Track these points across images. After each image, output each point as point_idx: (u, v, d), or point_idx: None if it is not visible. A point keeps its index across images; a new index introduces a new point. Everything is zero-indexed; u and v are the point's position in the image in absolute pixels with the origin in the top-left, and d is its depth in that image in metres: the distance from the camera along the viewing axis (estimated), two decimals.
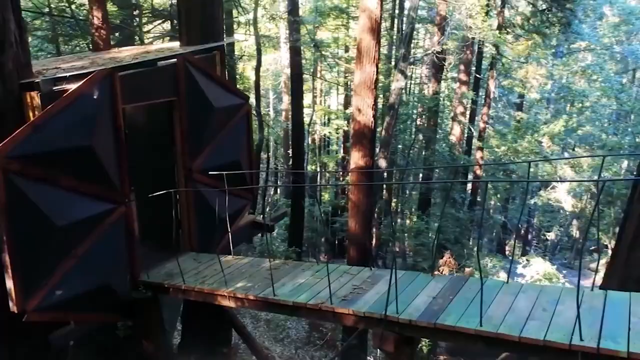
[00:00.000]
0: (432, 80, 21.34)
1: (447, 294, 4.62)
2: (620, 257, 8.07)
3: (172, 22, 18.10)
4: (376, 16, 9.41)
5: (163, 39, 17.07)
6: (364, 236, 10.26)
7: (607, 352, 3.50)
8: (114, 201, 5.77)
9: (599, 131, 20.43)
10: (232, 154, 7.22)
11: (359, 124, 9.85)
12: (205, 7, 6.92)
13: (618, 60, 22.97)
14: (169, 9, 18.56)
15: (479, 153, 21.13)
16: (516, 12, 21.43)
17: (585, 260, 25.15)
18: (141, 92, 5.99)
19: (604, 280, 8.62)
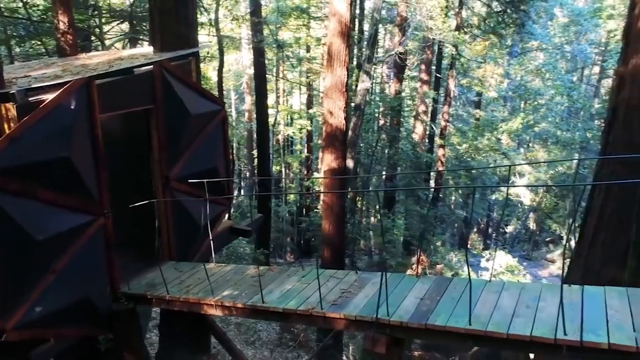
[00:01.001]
0: (394, 80, 21.72)
1: (433, 294, 4.78)
2: (582, 250, 8.50)
3: (131, 23, 17.69)
4: (346, 20, 9.53)
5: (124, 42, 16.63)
6: (338, 237, 10.38)
7: (590, 344, 3.73)
8: (92, 213, 5.64)
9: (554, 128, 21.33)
10: (210, 161, 7.18)
11: (331, 126, 9.95)
12: (178, 12, 6.83)
13: (568, 59, 24.04)
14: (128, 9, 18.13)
15: (441, 151, 21.67)
16: (473, 13, 22.11)
17: (542, 251, 26.27)
18: (118, 100, 5.88)
19: (568, 274, 9.06)
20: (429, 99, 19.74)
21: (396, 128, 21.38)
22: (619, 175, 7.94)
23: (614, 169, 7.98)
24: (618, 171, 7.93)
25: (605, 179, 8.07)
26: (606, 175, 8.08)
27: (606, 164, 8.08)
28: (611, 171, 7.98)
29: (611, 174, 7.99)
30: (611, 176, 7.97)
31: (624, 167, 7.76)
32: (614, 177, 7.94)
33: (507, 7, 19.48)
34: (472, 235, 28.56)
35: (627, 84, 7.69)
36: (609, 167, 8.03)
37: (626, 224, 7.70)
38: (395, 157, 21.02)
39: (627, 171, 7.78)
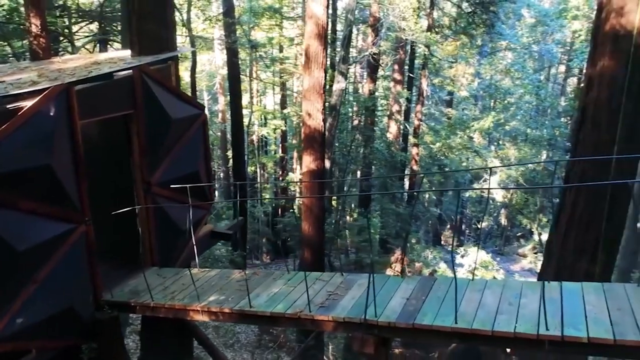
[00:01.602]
0: (368, 79, 21.91)
1: (419, 294, 4.89)
2: (555, 245, 8.79)
3: (100, 23, 17.36)
4: (323, 22, 9.60)
5: (94, 43, 16.31)
6: (318, 238, 10.45)
7: (571, 339, 3.89)
8: (73, 221, 5.55)
9: (523, 126, 21.89)
10: (191, 165, 7.14)
11: (310, 128, 10.01)
12: (157, 16, 6.76)
13: (536, 58, 24.70)
14: (97, 9, 17.78)
15: (415, 149, 21.98)
16: (443, 13, 22.49)
17: (513, 246, 26.91)
18: (98, 106, 5.79)
19: (542, 268, 9.37)
20: (402, 98, 19.99)
21: (370, 128, 21.57)
22: (589, 173, 8.26)
23: (584, 167, 8.30)
24: (587, 169, 8.25)
25: (576, 177, 8.37)
26: (577, 174, 8.39)
27: (576, 163, 8.39)
28: (582, 169, 8.29)
29: (582, 172, 8.30)
30: (582, 174, 8.28)
31: (593, 165, 8.08)
32: (584, 175, 8.26)
33: (477, 8, 19.89)
34: (445, 232, 29.05)
35: (595, 85, 8.01)
36: (580, 165, 8.34)
37: (596, 220, 8.02)
38: (370, 156, 21.21)
39: (595, 169, 8.10)
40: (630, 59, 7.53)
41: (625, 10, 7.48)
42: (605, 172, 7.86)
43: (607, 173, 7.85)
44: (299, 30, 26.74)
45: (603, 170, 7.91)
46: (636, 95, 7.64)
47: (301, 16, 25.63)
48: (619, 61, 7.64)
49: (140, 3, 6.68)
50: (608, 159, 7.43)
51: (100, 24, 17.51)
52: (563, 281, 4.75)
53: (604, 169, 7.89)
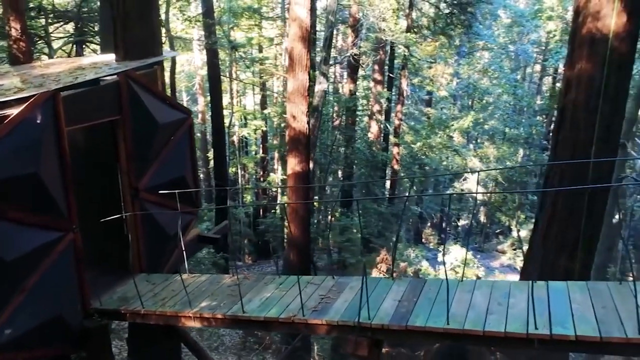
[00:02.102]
0: (348, 80, 22.04)
1: (410, 296, 4.98)
2: (536, 244, 9.01)
3: (77, 24, 17.07)
4: (307, 25, 9.64)
5: (72, 45, 16.03)
6: (304, 239, 10.50)
7: (559, 337, 4.02)
8: (61, 229, 5.48)
9: (501, 125, 22.30)
10: (178, 170, 7.11)
11: (294, 130, 10.04)
12: (142, 20, 6.70)
13: (512, 58, 25.17)
14: (73, 10, 17.47)
15: (396, 149, 22.20)
16: (422, 14, 22.74)
17: (493, 242, 27.38)
18: (84, 112, 5.73)
19: (524, 265, 9.59)
20: (383, 99, 20.17)
21: (351, 128, 21.71)
22: (568, 173, 8.49)
23: (563, 167, 8.52)
24: (566, 169, 8.48)
25: (556, 176, 8.59)
26: (557, 173, 8.61)
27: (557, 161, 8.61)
28: (561, 169, 8.51)
29: (561, 172, 8.53)
30: (561, 174, 8.51)
31: (571, 165, 8.30)
32: (563, 175, 8.49)
33: (455, 9, 20.19)
34: (426, 230, 29.39)
35: (573, 87, 8.24)
36: (559, 165, 8.56)
37: (576, 218, 8.25)
38: (351, 156, 21.34)
39: (574, 169, 8.34)
40: (606, 62, 7.76)
41: (602, 15, 7.71)
42: (584, 172, 8.10)
43: (585, 172, 8.09)
44: (279, 31, 26.77)
45: (581, 170, 8.14)
46: (612, 97, 7.89)
47: (280, 16, 25.64)
48: (595, 64, 7.87)
49: (125, 7, 6.61)
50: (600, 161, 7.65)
51: (76, 25, 17.23)
52: (546, 279, 4.90)
53: (582, 169, 8.13)
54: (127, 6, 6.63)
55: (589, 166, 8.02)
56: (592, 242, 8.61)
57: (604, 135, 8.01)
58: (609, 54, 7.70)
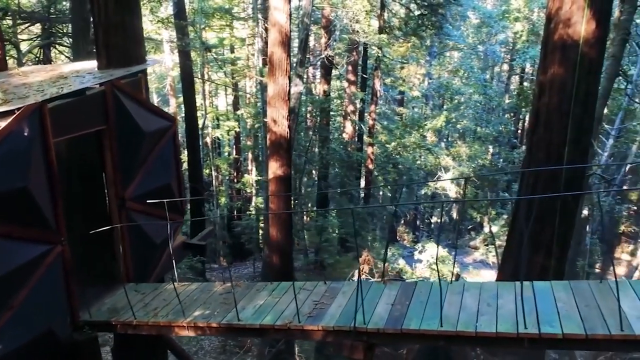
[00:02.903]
0: (322, 80, 22.16)
1: (402, 299, 5.13)
2: (513, 242, 9.33)
3: (44, 25, 16.65)
4: (286, 30, 9.69)
5: (40, 48, 15.62)
6: (286, 243, 10.56)
7: (547, 335, 4.22)
8: (49, 241, 5.42)
9: (473, 124, 22.83)
10: (163, 177, 7.08)
11: (275, 134, 10.08)
12: (125, 27, 6.64)
13: (481, 58, 25.77)
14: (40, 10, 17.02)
15: (370, 149, 22.45)
16: (393, 15, 23.05)
17: (465, 239, 27.97)
18: (71, 123, 5.66)
19: (501, 262, 9.91)
20: (358, 99, 20.38)
21: (326, 128, 21.85)
22: (543, 174, 8.82)
23: (539, 165, 8.84)
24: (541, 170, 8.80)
25: (531, 177, 8.90)
26: (532, 173, 8.92)
27: (532, 163, 8.93)
28: (537, 168, 8.83)
29: (536, 173, 8.85)
30: (536, 175, 8.82)
31: (548, 164, 8.64)
32: (539, 175, 8.80)
33: (426, 11, 20.56)
34: (399, 228, 29.79)
35: (546, 91, 8.56)
36: (535, 165, 8.88)
37: (551, 217, 8.59)
38: (327, 156, 21.47)
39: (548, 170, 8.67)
40: (577, 67, 8.10)
41: (572, 22, 8.03)
42: (558, 172, 8.44)
43: (559, 172, 8.43)
44: (250, 31, 26.71)
45: (555, 171, 8.48)
46: (583, 100, 8.24)
47: (252, 17, 25.57)
48: (567, 69, 8.21)
49: (107, 14, 6.54)
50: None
51: (44, 27, 16.81)
52: (523, 276, 5.11)
53: (557, 170, 8.46)
54: (109, 14, 6.56)
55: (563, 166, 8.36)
56: (566, 239, 8.98)
57: (576, 136, 8.36)
58: (580, 59, 8.04)
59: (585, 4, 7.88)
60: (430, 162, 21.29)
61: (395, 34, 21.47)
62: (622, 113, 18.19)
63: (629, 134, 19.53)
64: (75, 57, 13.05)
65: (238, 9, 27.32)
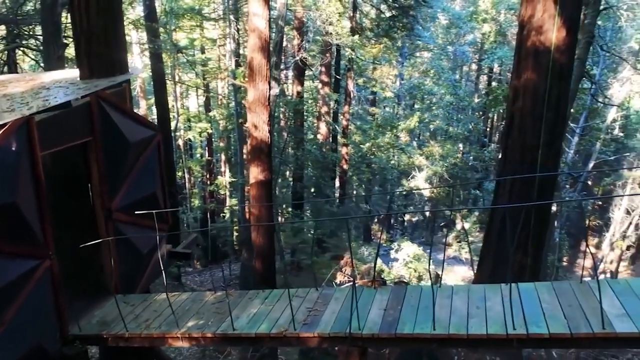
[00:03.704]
0: (296, 82, 22.24)
1: (394, 304, 5.28)
2: (491, 240, 9.63)
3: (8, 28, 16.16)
4: (266, 36, 9.73)
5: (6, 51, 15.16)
6: (269, 248, 10.60)
7: (535, 335, 4.44)
8: (38, 256, 5.35)
9: (445, 124, 23.31)
10: (149, 187, 7.05)
11: (256, 139, 10.11)
12: (107, 36, 6.57)
13: (451, 58, 26.32)
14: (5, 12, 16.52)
15: (345, 149, 22.66)
16: (365, 16, 23.30)
17: (438, 236, 28.52)
18: (58, 136, 5.59)
19: (480, 261, 10.21)
20: (332, 101, 20.55)
21: (300, 129, 21.94)
22: (518, 173, 9.13)
23: (514, 168, 9.16)
24: (518, 170, 9.13)
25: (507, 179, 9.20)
26: (508, 175, 9.22)
27: (508, 164, 9.24)
28: (512, 171, 9.14)
29: (512, 173, 9.15)
30: (513, 175, 9.13)
31: (522, 168, 8.96)
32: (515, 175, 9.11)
33: (398, 12, 20.87)
34: (373, 226, 30.16)
35: (520, 96, 8.87)
36: (510, 166, 9.20)
37: (527, 216, 8.90)
38: (302, 157, 21.56)
39: (524, 170, 8.98)
40: (549, 73, 8.43)
41: (544, 29, 8.35)
42: (533, 173, 8.76)
43: (534, 173, 8.75)
44: (221, 32, 26.56)
45: (531, 171, 8.80)
46: (555, 105, 8.58)
47: (223, 17, 25.43)
48: (540, 74, 8.52)
49: (90, 24, 6.46)
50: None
51: (8, 29, 16.33)
52: (501, 274, 5.35)
53: (532, 171, 8.79)
54: (90, 22, 6.48)
55: (537, 168, 8.70)
56: (542, 237, 9.33)
57: (549, 139, 8.69)
58: (551, 66, 8.36)
59: (556, 12, 8.20)
60: (403, 162, 21.63)
61: (368, 35, 21.72)
62: (586, 112, 18.93)
63: (593, 131, 20.32)
64: (46, 61, 12.76)
65: (208, 9, 27.13)
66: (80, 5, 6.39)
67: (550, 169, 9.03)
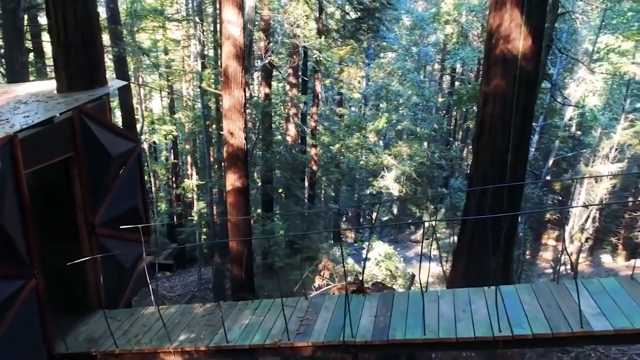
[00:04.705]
0: (263, 83, 22.21)
1: (384, 310, 5.46)
2: (464, 242, 9.97)
3: None
4: (240, 43, 9.74)
5: None
6: (247, 254, 10.62)
7: (520, 337, 4.70)
8: (24, 276, 5.26)
9: (412, 125, 23.79)
10: (130, 200, 6.99)
11: (232, 146, 10.11)
12: (86, 50, 6.47)
13: (415, 59, 26.86)
14: None
15: (314, 150, 22.79)
16: (331, 17, 23.48)
17: (406, 233, 29.08)
18: (41, 153, 5.49)
19: (453, 262, 10.55)
20: (302, 103, 20.65)
21: (269, 131, 21.93)
22: (489, 175, 9.50)
23: (485, 170, 9.52)
24: (489, 172, 9.49)
25: (479, 181, 9.56)
26: (480, 177, 9.58)
27: (479, 167, 9.59)
28: (483, 173, 9.50)
29: (484, 175, 9.52)
30: (484, 178, 9.49)
31: (493, 171, 9.32)
32: (486, 178, 9.48)
33: (364, 14, 21.15)
34: (341, 225, 30.46)
35: (490, 101, 9.23)
36: (482, 168, 9.55)
37: (498, 219, 9.26)
38: (271, 159, 21.57)
39: (495, 172, 9.36)
40: (517, 79, 8.80)
41: (511, 38, 8.71)
42: (503, 175, 9.14)
43: (504, 175, 9.13)
44: (185, 32, 26.23)
45: (501, 174, 9.18)
46: (522, 110, 8.97)
47: (187, 18, 25.15)
48: (508, 81, 8.88)
49: (67, 35, 6.35)
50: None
51: None
52: (474, 274, 5.62)
53: (502, 172, 9.17)
54: (68, 34, 6.37)
55: (507, 170, 9.08)
56: (512, 236, 9.74)
57: (517, 143, 9.08)
58: (519, 73, 8.73)
59: (522, 22, 8.57)
60: (372, 162, 21.96)
61: (334, 36, 21.92)
62: (545, 111, 19.71)
63: (552, 129, 21.18)
64: (8, 67, 12.34)
65: (171, 10, 26.76)
66: (57, 17, 6.27)
67: (519, 169, 9.43)
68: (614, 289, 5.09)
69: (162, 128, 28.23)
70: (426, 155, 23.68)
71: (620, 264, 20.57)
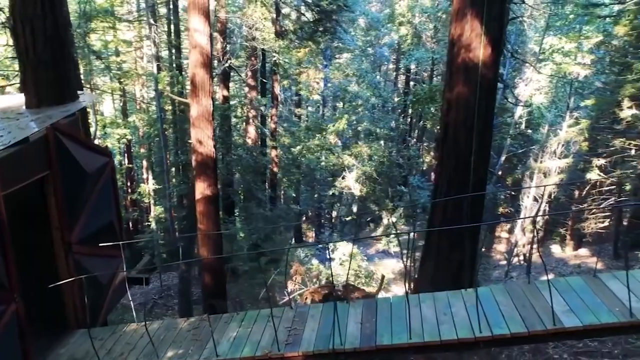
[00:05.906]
0: (221, 86, 22.05)
1: (369, 317, 5.66)
2: (432, 242, 10.36)
3: None
4: (207, 52, 9.72)
5: None
6: (218, 263, 10.62)
7: (499, 336, 5.02)
8: (3, 301, 5.12)
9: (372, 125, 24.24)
10: (106, 216, 6.89)
11: (201, 155, 10.07)
12: (56, 64, 6.31)
13: (371, 60, 27.35)
14: None
15: (274, 152, 22.85)
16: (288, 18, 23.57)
17: (366, 231, 29.56)
18: (18, 174, 5.33)
19: (422, 260, 10.94)
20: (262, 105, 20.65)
21: (228, 134, 21.81)
22: (454, 178, 9.91)
23: (450, 173, 9.93)
24: (453, 174, 9.91)
25: (444, 183, 9.96)
26: (445, 180, 9.98)
27: (444, 169, 9.99)
28: (448, 178, 9.91)
29: (449, 178, 9.93)
30: (449, 181, 9.90)
31: (457, 174, 9.74)
32: (451, 181, 9.89)
33: (322, 16, 21.37)
34: (304, 225, 30.65)
35: (453, 107, 9.63)
36: (447, 171, 9.95)
37: (464, 217, 9.69)
38: (232, 162, 21.46)
39: (459, 176, 9.78)
40: (478, 86, 9.22)
41: (472, 47, 9.13)
42: (466, 178, 9.57)
43: (468, 178, 9.56)
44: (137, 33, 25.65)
45: (464, 177, 9.60)
46: (484, 115, 9.41)
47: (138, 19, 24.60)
48: (470, 88, 9.30)
49: (36, 52, 6.17)
50: None
51: None
52: (442, 271, 5.94)
53: (465, 175, 9.59)
54: (37, 52, 6.20)
55: (470, 172, 9.51)
56: (476, 234, 10.20)
57: (479, 147, 9.52)
58: (480, 80, 9.15)
59: (482, 31, 9.00)
60: (332, 162, 22.24)
61: (292, 38, 22.02)
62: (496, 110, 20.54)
63: (503, 127, 22.13)
64: None
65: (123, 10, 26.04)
66: (25, 33, 6.08)
67: (481, 172, 9.90)
68: (580, 287, 5.51)
69: (116, 132, 27.51)
70: (385, 154, 24.17)
71: (569, 254, 21.76)
